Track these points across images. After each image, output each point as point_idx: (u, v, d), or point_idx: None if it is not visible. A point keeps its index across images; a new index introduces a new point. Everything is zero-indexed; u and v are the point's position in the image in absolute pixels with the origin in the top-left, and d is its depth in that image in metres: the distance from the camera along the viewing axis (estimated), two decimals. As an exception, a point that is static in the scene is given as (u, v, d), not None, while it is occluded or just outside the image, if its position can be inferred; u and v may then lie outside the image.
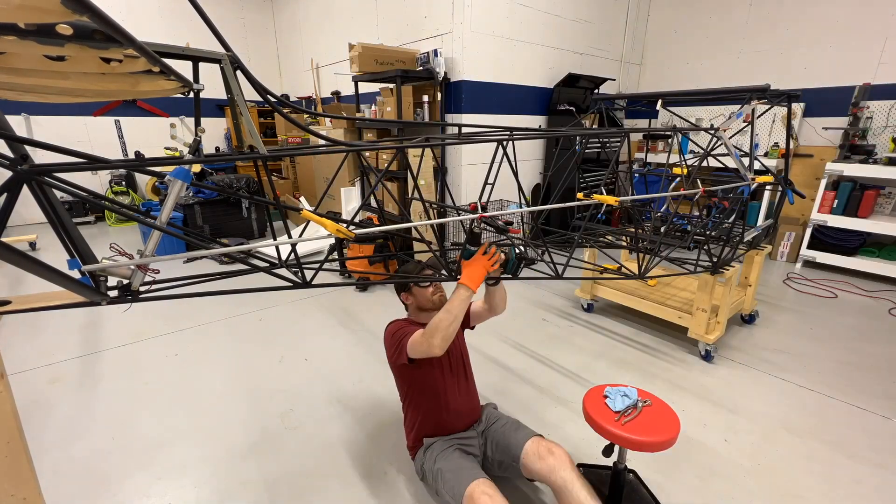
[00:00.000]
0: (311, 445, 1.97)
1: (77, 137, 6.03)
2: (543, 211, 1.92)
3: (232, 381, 2.45)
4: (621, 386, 1.57)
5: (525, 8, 4.33)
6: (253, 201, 5.12)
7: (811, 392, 2.38)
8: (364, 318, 3.22)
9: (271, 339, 2.93)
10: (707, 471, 1.85)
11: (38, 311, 1.13)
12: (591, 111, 3.47)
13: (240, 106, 1.09)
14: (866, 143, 4.08)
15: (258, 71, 7.48)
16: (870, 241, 4.21)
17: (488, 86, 4.28)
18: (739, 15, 4.83)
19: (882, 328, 3.13)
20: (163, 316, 3.19)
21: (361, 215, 4.22)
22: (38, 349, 2.74)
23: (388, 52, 4.07)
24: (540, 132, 1.90)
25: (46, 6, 0.51)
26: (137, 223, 4.74)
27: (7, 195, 0.87)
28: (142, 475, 1.81)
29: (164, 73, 0.87)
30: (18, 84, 0.86)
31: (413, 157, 3.85)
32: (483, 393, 2.33)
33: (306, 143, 5.80)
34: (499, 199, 4.49)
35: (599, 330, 3.07)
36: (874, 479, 1.82)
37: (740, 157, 2.52)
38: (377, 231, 1.36)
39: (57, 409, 2.21)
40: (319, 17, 6.19)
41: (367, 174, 4.21)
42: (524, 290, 3.78)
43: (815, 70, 4.41)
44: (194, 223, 4.82)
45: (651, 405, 1.49)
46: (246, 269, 1.39)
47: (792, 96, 2.57)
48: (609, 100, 3.56)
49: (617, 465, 1.55)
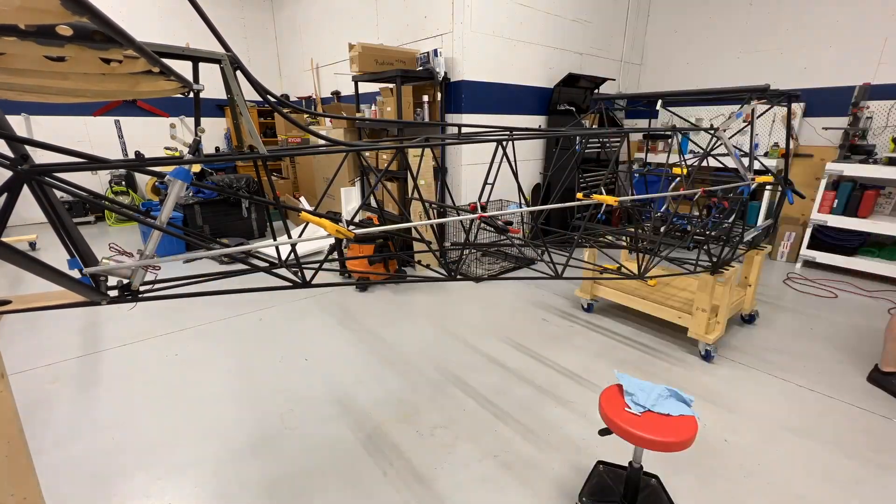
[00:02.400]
0: (311, 445, 1.98)
1: (77, 137, 6.03)
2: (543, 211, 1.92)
3: (232, 381, 2.45)
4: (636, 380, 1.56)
5: (525, 8, 4.33)
6: (253, 201, 5.13)
7: (811, 392, 2.38)
8: (364, 318, 3.23)
9: (271, 339, 2.93)
10: (707, 471, 1.85)
11: (38, 311, 1.13)
12: (591, 111, 3.47)
13: (240, 106, 1.10)
14: (866, 143, 4.08)
15: (258, 71, 7.49)
16: (870, 241, 4.21)
17: (488, 86, 4.28)
18: (739, 15, 4.83)
19: (882, 328, 3.13)
20: (163, 316, 3.19)
21: (361, 215, 4.23)
22: (38, 349, 2.75)
23: (388, 52, 4.07)
24: (540, 132, 1.90)
25: (46, 7, 0.51)
26: (137, 223, 4.75)
27: (7, 195, 0.87)
28: (142, 475, 1.81)
29: (164, 73, 0.87)
30: (18, 84, 0.87)
31: (413, 157, 3.86)
32: (483, 392, 2.34)
33: (306, 143, 5.80)
34: (499, 199, 4.50)
35: (599, 330, 3.08)
36: (874, 479, 1.82)
37: (740, 156, 2.52)
38: (377, 231, 1.37)
39: (57, 409, 2.21)
40: (319, 17, 6.19)
41: (367, 174, 4.21)
42: (524, 290, 3.78)
43: (815, 70, 4.41)
44: (194, 223, 4.82)
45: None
46: (246, 269, 1.40)
47: (792, 96, 2.57)
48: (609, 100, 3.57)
49: (633, 465, 1.54)
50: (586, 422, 2.13)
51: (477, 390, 2.37)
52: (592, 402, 2.26)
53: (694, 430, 1.38)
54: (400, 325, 3.11)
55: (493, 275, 4.14)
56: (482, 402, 2.27)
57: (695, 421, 1.42)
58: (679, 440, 1.35)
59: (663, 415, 1.44)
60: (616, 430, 1.43)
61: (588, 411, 2.20)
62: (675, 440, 1.35)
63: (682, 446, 1.36)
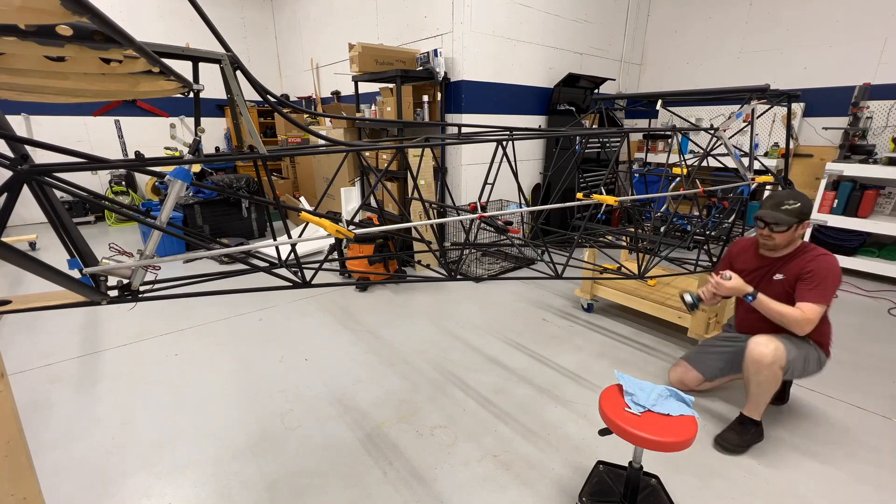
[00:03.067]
0: (311, 445, 1.98)
1: (77, 137, 6.03)
2: (543, 211, 1.92)
3: (232, 382, 2.45)
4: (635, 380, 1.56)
5: (525, 8, 4.33)
6: (253, 201, 5.13)
7: (811, 392, 2.38)
8: (364, 317, 3.23)
9: (271, 339, 2.93)
10: (707, 471, 1.85)
11: (38, 311, 1.13)
12: (591, 111, 3.47)
13: (240, 106, 1.10)
14: (866, 143, 4.08)
15: (258, 71, 7.48)
16: (870, 241, 4.21)
17: (488, 86, 4.28)
18: (739, 15, 4.83)
19: (882, 328, 3.13)
20: (163, 316, 3.19)
21: (361, 215, 4.22)
22: (38, 349, 2.75)
23: (388, 52, 4.07)
24: (540, 132, 1.90)
25: (46, 7, 0.51)
26: (137, 223, 4.75)
27: (7, 195, 0.87)
28: (142, 475, 1.81)
29: (164, 73, 0.87)
30: (18, 84, 0.87)
31: (413, 157, 3.86)
32: (483, 392, 2.34)
33: (306, 143, 5.80)
34: (499, 199, 4.50)
35: (599, 330, 3.07)
36: (874, 479, 1.82)
37: (740, 156, 2.52)
38: (377, 231, 1.37)
39: (57, 408, 2.21)
40: (319, 16, 6.19)
41: (367, 174, 4.21)
42: (524, 290, 3.78)
43: (815, 70, 4.41)
44: (194, 223, 4.82)
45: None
46: (246, 269, 1.40)
47: (792, 96, 2.57)
48: (609, 100, 3.57)
49: (632, 465, 1.54)
50: (586, 422, 2.13)
51: (477, 390, 2.37)
52: (592, 402, 2.26)
53: (694, 430, 1.38)
54: (400, 325, 3.11)
55: (493, 275, 4.14)
56: (482, 402, 2.27)
57: (695, 421, 1.42)
58: (679, 440, 1.35)
59: (663, 415, 1.43)
60: (616, 431, 1.43)
61: (588, 411, 2.20)
62: (674, 440, 1.35)
63: (682, 446, 1.36)
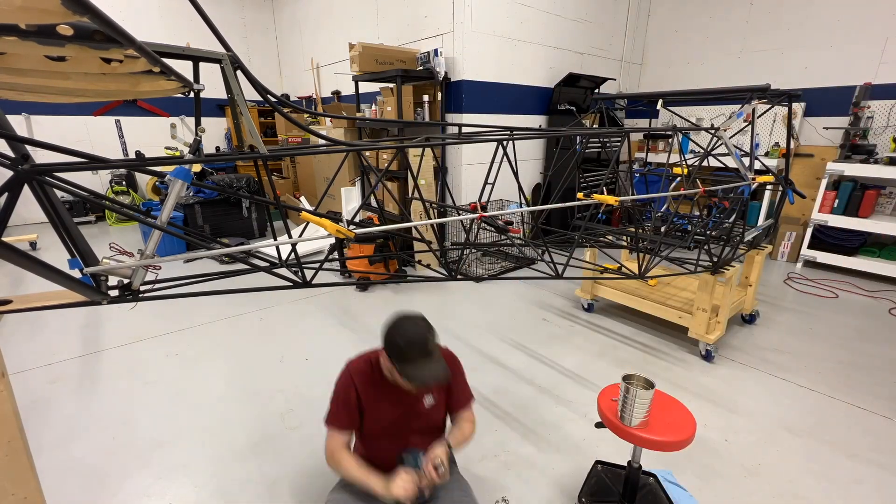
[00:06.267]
0: (311, 445, 1.97)
1: (77, 137, 6.03)
2: (543, 211, 1.92)
3: (232, 381, 2.45)
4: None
5: (525, 7, 4.32)
6: (253, 201, 5.13)
7: (811, 392, 2.38)
8: (364, 317, 3.22)
9: (271, 339, 2.93)
10: (707, 471, 1.85)
11: (38, 311, 1.13)
12: (592, 111, 3.47)
13: (240, 106, 1.09)
14: (867, 143, 4.08)
15: (258, 71, 7.48)
16: (870, 241, 4.21)
17: (488, 85, 4.28)
18: (740, 15, 4.82)
19: (882, 328, 3.13)
20: (163, 316, 3.19)
21: (361, 215, 4.22)
22: (38, 349, 2.75)
23: (388, 52, 4.07)
24: (540, 132, 1.90)
25: (47, 7, 0.51)
26: (138, 223, 4.74)
27: (8, 195, 0.87)
28: (142, 475, 1.81)
29: (165, 73, 0.87)
30: (19, 84, 0.86)
31: (413, 157, 3.85)
32: (483, 392, 2.33)
33: (306, 143, 5.80)
34: (499, 198, 4.50)
35: (599, 330, 3.07)
36: (874, 479, 1.82)
37: (741, 156, 2.52)
38: (377, 231, 1.36)
39: (57, 408, 2.21)
40: (320, 16, 6.19)
41: (367, 174, 4.21)
42: (524, 290, 3.78)
43: (816, 70, 4.41)
44: (195, 223, 4.82)
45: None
46: (246, 269, 1.40)
47: (792, 96, 2.56)
48: (609, 99, 3.57)
49: (631, 464, 1.54)
50: (586, 422, 2.13)
51: (477, 390, 2.36)
52: (592, 402, 2.26)
53: (693, 429, 1.38)
54: (400, 325, 3.10)
55: (494, 275, 4.14)
56: (482, 401, 2.26)
57: (694, 421, 1.42)
58: (678, 440, 1.35)
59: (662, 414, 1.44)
60: (615, 430, 1.43)
61: (588, 411, 2.20)
62: (674, 440, 1.35)
63: (681, 446, 1.36)
